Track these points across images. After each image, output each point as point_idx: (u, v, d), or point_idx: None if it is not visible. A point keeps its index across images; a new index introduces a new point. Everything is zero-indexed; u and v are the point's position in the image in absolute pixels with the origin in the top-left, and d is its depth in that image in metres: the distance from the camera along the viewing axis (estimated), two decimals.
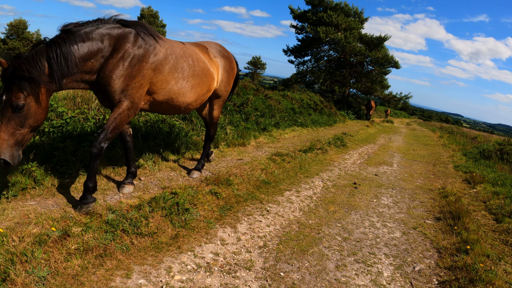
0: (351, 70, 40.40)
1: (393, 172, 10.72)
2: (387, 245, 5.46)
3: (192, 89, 6.20)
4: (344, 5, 38.52)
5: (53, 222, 4.45)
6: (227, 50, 7.52)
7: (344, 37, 36.17)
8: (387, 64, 38.68)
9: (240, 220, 5.69)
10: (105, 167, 6.86)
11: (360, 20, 39.81)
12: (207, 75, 6.54)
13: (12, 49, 55.72)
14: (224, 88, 7.32)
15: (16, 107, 4.20)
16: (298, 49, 42.09)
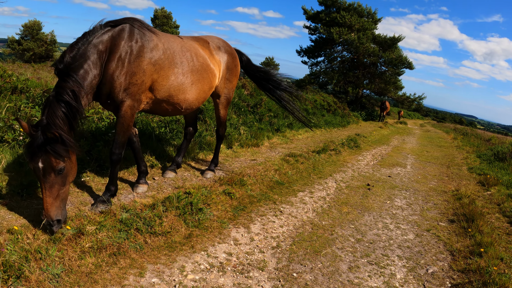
0: (364, 71, 40.13)
1: (407, 173, 10.65)
2: (401, 247, 5.42)
3: (193, 85, 6.03)
4: (357, 6, 38.28)
5: (68, 221, 4.47)
6: (230, 45, 7.32)
7: (357, 38, 35.94)
8: (401, 65, 38.32)
9: (253, 221, 5.68)
10: (120, 166, 6.89)
11: (373, 20, 39.50)
12: (207, 71, 6.36)
13: (27, 50, 56.30)
14: (225, 86, 7.11)
15: (59, 171, 4.18)
16: (311, 50, 41.93)
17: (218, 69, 6.76)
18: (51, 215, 4.08)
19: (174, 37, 6.09)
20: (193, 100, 6.15)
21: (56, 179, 4.18)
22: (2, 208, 4.81)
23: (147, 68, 5.26)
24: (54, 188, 4.16)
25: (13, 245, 3.70)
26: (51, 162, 4.11)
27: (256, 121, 14.20)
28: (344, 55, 40.38)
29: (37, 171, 4.12)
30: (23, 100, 7.94)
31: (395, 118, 46.06)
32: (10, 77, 8.91)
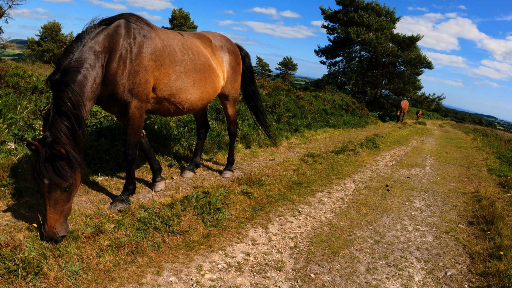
0: (383, 71, 39.80)
1: (426, 174, 10.52)
2: (419, 249, 5.34)
3: (195, 85, 5.84)
4: (375, 5, 37.97)
5: (86, 219, 4.50)
6: (232, 43, 7.16)
7: (375, 38, 35.65)
8: (420, 64, 37.84)
9: (271, 221, 5.66)
10: (138, 166, 6.92)
11: (391, 20, 39.12)
12: (209, 71, 6.15)
13: (47, 51, 57.05)
14: (231, 86, 6.96)
15: (66, 189, 4.03)
16: (329, 50, 41.78)
17: (221, 70, 6.60)
18: (57, 231, 3.91)
19: (174, 34, 5.88)
20: (195, 100, 5.96)
21: (62, 196, 4.03)
22: (22, 206, 4.86)
23: (149, 65, 5.06)
24: (58, 204, 4.01)
25: (32, 242, 3.74)
26: (58, 179, 3.96)
27: (275, 121, 14.18)
28: (363, 55, 40.11)
29: (42, 187, 3.96)
30: (43, 100, 8.02)
31: (414, 119, 45.60)
32: (30, 78, 9.01)
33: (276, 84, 21.83)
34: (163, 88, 5.40)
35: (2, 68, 8.73)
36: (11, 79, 8.47)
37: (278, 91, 19.12)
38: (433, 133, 27.85)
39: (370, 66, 40.49)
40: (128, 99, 4.95)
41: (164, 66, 5.30)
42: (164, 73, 5.33)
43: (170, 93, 5.53)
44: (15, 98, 7.82)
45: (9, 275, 3.30)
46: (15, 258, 3.40)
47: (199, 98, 6.02)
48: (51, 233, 3.88)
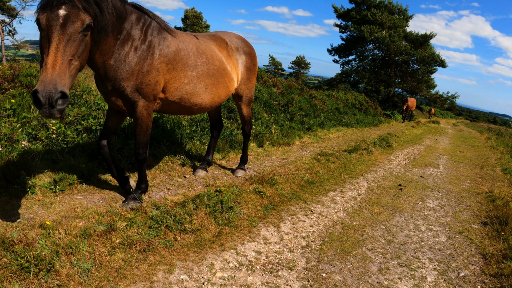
0: (396, 69, 39.53)
1: (439, 174, 10.42)
2: (432, 249, 5.28)
3: (207, 90, 5.78)
4: (388, 3, 37.72)
5: (99, 217, 4.52)
6: (249, 44, 7.07)
7: (388, 36, 35.43)
8: (433, 63, 37.47)
9: (283, 220, 5.64)
10: (151, 164, 6.94)
11: (404, 17, 38.81)
12: (224, 75, 6.09)
13: None
14: (245, 86, 6.90)
15: (86, 27, 3.63)
16: (342, 49, 41.63)
17: (235, 72, 6.54)
18: (56, 83, 3.29)
19: (189, 37, 5.79)
20: (206, 104, 5.90)
21: (75, 40, 3.54)
22: (35, 204, 4.90)
23: (160, 67, 5.00)
24: (68, 49, 3.49)
25: (45, 240, 3.76)
26: (75, 11, 3.54)
27: (288, 120, 14.16)
28: (376, 53, 39.92)
29: (53, 20, 3.46)
30: None
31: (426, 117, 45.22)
32: None
33: (289, 83, 21.80)
34: (174, 92, 5.35)
35: (15, 68, 8.81)
36: (25, 78, 8.54)
37: (291, 90, 19.09)
38: (447, 132, 27.61)
39: (383, 65, 40.27)
40: (136, 98, 4.89)
41: (176, 70, 5.25)
42: (175, 77, 5.28)
43: (180, 97, 5.47)
44: (29, 98, 7.88)
45: (21, 272, 3.32)
46: (28, 255, 3.43)
47: (210, 102, 5.97)
48: (47, 82, 3.26)
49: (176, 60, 5.23)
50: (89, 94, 8.76)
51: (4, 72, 8.50)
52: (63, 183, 5.47)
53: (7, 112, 6.94)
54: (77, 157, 6.32)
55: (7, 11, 53.15)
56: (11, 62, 11.25)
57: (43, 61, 3.42)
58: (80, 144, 6.65)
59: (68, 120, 7.20)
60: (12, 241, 3.62)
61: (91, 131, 7.10)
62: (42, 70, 3.34)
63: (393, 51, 37.15)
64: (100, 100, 8.29)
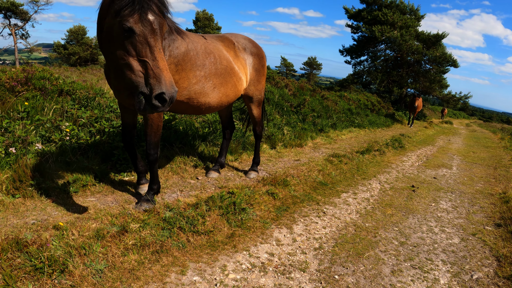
0: (408, 70, 39.27)
1: (453, 175, 10.33)
2: (445, 251, 5.23)
3: (215, 89, 5.80)
4: (400, 3, 37.54)
5: (112, 218, 4.53)
6: (257, 45, 7.07)
7: (400, 36, 35.24)
8: (446, 62, 37.12)
9: (296, 221, 5.62)
10: (163, 166, 6.96)
11: (416, 17, 38.57)
12: (231, 74, 6.11)
13: (73, 54, 58.16)
14: (254, 87, 6.88)
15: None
16: (354, 49, 41.54)
17: (243, 72, 6.54)
18: (173, 83, 3.71)
19: (198, 37, 5.82)
20: (214, 103, 5.92)
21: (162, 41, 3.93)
22: (48, 205, 4.93)
23: (170, 68, 5.01)
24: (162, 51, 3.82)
25: (59, 241, 3.78)
26: (164, 19, 3.84)
27: (300, 121, 14.14)
28: (387, 54, 39.75)
29: (152, 27, 3.75)
30: (69, 102, 8.13)
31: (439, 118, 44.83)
32: (56, 80, 9.15)
33: (300, 84, 21.78)
34: (182, 92, 5.36)
35: (28, 71, 8.89)
36: (38, 81, 8.61)
37: (302, 91, 19.08)
38: (460, 133, 27.39)
39: (395, 65, 40.06)
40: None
41: (185, 70, 5.28)
42: (184, 77, 5.31)
43: (188, 97, 5.51)
44: (42, 100, 7.95)
45: (35, 273, 3.35)
46: (41, 256, 3.45)
47: (218, 101, 5.99)
48: (169, 83, 3.67)
49: (185, 60, 5.26)
50: (101, 97, 8.82)
51: (18, 75, 8.57)
52: (76, 185, 5.51)
53: (20, 114, 7.00)
54: (90, 159, 6.35)
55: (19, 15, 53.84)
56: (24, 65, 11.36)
57: (145, 62, 3.67)
58: (93, 146, 6.69)
59: (81, 122, 7.24)
60: (26, 242, 3.65)
61: (104, 133, 7.13)
62: (156, 71, 3.64)
63: (405, 51, 36.93)
64: (113, 102, 8.34)
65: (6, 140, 5.98)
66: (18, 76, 8.56)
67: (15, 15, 53.71)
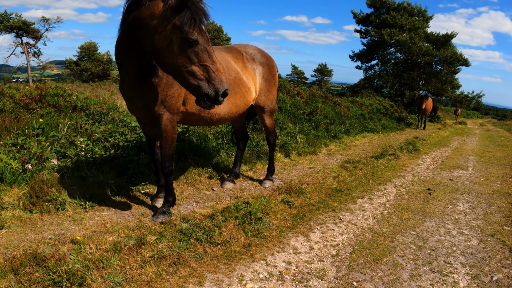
0: (419, 72, 39.01)
1: (469, 176, 10.22)
2: (464, 254, 5.16)
3: (224, 100, 5.71)
4: (407, 5, 37.38)
5: (129, 231, 4.55)
6: (266, 54, 7.11)
7: (409, 38, 35.05)
8: (456, 62, 36.75)
9: (312, 229, 5.59)
10: (178, 178, 6.99)
11: (424, 19, 38.33)
12: (240, 85, 6.16)
13: (85, 70, 58.81)
14: (265, 97, 6.91)
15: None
16: (364, 54, 41.42)
17: (252, 82, 6.57)
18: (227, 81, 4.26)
19: None
20: (224, 114, 5.99)
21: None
22: (65, 220, 4.98)
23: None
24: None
25: (76, 255, 3.81)
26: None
27: (313, 128, 14.12)
28: (398, 57, 39.58)
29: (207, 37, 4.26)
30: (83, 118, 8.21)
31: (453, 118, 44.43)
32: (70, 96, 9.26)
33: (312, 91, 21.78)
34: (194, 103, 5.41)
35: (42, 89, 9.00)
36: (52, 98, 8.72)
37: (314, 98, 19.07)
38: (474, 133, 27.14)
39: (406, 68, 39.85)
40: (161, 110, 5.00)
41: None
42: None
43: (200, 108, 5.56)
44: (56, 117, 8.04)
45: (53, 287, 3.38)
46: (60, 270, 3.48)
47: (229, 112, 6.05)
48: (225, 81, 4.22)
49: None
50: (115, 111, 8.89)
51: (32, 93, 8.69)
52: (93, 199, 5.56)
53: (36, 131, 7.08)
54: (106, 173, 6.40)
55: (31, 34, 54.70)
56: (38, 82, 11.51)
57: (206, 66, 4.16)
58: (108, 160, 6.74)
59: (96, 137, 7.31)
60: (44, 257, 3.68)
61: (118, 147, 7.19)
62: (217, 73, 4.18)
63: (415, 53, 36.73)
64: (126, 117, 8.41)
65: (22, 156, 6.06)
66: (32, 94, 8.68)
67: (27, 33, 54.58)
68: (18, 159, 6.00)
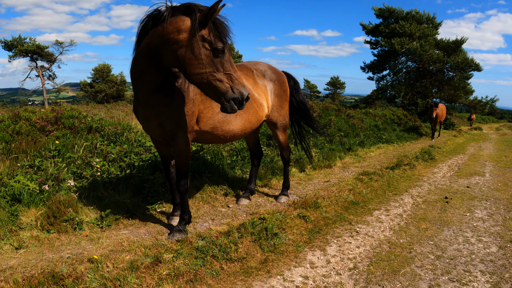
0: (431, 79, 38.77)
1: (486, 182, 10.12)
2: (483, 261, 5.10)
3: (237, 116, 5.95)
4: (415, 13, 37.28)
5: (145, 249, 4.59)
6: (277, 71, 7.14)
7: (419, 46, 34.90)
8: (468, 68, 36.43)
9: (329, 243, 5.57)
10: (194, 196, 7.02)
11: (433, 25, 38.15)
12: (252, 101, 6.20)
13: (99, 91, 59.56)
14: (277, 113, 6.94)
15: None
16: (375, 65, 41.33)
17: (264, 98, 6.62)
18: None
19: None
20: (237, 130, 6.05)
21: None
22: (83, 239, 5.03)
23: (196, 98, 5.24)
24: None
25: (94, 273, 3.85)
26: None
27: (327, 142, 14.10)
28: (409, 65, 39.42)
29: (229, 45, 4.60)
30: (98, 139, 8.31)
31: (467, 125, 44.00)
32: (85, 118, 9.40)
33: (325, 105, 21.79)
34: (207, 121, 5.53)
35: (58, 111, 9.14)
36: (67, 120, 8.84)
37: (327, 112, 19.06)
38: (490, 138, 26.86)
39: (418, 76, 39.65)
40: (175, 129, 5.08)
41: (208, 100, 5.41)
42: (208, 107, 5.47)
43: (213, 126, 5.66)
44: (72, 138, 8.16)
45: None
46: None
47: (242, 128, 6.11)
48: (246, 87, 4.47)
49: None
50: (129, 132, 8.98)
51: (47, 116, 8.82)
52: (109, 219, 5.61)
53: (52, 153, 7.19)
54: (122, 193, 6.46)
55: (45, 57, 55.67)
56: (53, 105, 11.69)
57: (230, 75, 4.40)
58: (124, 180, 6.80)
59: (111, 157, 7.38)
60: (62, 276, 3.73)
61: (133, 167, 7.25)
62: (240, 79, 4.46)
63: (426, 60, 36.57)
64: (141, 137, 8.48)
65: (39, 178, 6.16)
66: (48, 116, 8.81)
67: (41, 57, 55.55)
68: (35, 181, 6.10)
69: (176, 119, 5.03)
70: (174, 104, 4.98)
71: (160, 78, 4.80)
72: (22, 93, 68.74)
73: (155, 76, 4.75)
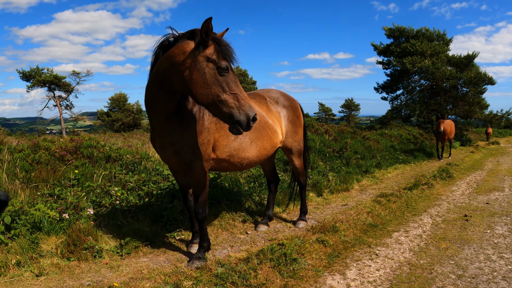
0: (445, 96, 38.44)
1: (505, 197, 10.00)
2: (505, 278, 5.02)
3: (252, 143, 6.00)
4: (425, 31, 37.19)
5: (165, 277, 4.62)
6: (290, 97, 7.22)
7: (431, 63, 34.73)
8: (482, 82, 36.01)
9: (348, 266, 5.54)
10: (212, 223, 7.05)
11: (444, 42, 37.96)
12: (266, 128, 6.28)
13: (116, 120, 60.26)
14: (292, 139, 6.98)
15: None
16: (388, 85, 41.20)
17: (278, 125, 6.68)
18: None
19: None
20: (253, 157, 6.09)
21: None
22: (103, 267, 5.08)
23: (211, 126, 5.33)
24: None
25: None
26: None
27: (344, 165, 14.06)
28: (422, 84, 39.20)
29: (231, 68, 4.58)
30: (116, 168, 8.41)
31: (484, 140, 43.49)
32: (103, 147, 9.53)
33: (340, 127, 21.81)
34: (223, 149, 5.60)
35: (76, 141, 9.29)
36: (86, 150, 8.98)
37: (343, 135, 19.07)
38: (508, 151, 26.53)
39: (432, 94, 39.40)
40: (192, 158, 5.15)
41: (223, 128, 5.50)
42: (223, 135, 5.55)
43: (229, 154, 5.72)
44: (91, 167, 8.27)
45: None
46: None
47: (257, 155, 6.15)
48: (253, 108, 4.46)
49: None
50: (147, 161, 9.08)
51: (66, 145, 8.97)
52: (129, 247, 5.67)
53: (71, 182, 7.30)
54: (141, 221, 6.52)
55: (63, 87, 56.56)
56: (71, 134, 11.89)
57: (236, 94, 4.45)
58: (143, 208, 6.86)
59: (130, 186, 7.46)
60: None
61: (152, 195, 7.32)
62: (246, 100, 4.46)
63: (439, 78, 36.37)
64: (159, 165, 8.57)
65: (59, 206, 6.26)
66: (67, 146, 8.96)
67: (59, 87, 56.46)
68: (55, 209, 6.20)
69: (192, 147, 5.10)
70: (189, 132, 5.07)
71: (172, 104, 4.90)
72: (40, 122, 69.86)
73: (167, 102, 4.85)
